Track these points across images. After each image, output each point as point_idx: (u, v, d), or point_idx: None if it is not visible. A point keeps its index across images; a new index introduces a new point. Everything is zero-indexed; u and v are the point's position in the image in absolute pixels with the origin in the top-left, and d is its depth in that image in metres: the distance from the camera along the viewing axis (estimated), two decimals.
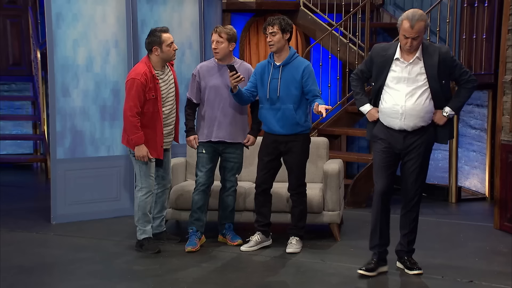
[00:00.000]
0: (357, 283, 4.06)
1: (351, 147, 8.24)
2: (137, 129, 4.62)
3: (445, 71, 4.03)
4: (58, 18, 5.59)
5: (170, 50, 4.73)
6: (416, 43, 3.96)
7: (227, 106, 4.76)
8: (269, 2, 7.84)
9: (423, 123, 4.08)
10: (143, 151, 4.66)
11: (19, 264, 4.47)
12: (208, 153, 4.82)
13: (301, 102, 4.61)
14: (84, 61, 5.74)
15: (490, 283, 4.04)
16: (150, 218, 4.82)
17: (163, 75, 4.79)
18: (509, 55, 5.29)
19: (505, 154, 5.32)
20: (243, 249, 4.72)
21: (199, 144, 4.84)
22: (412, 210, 4.22)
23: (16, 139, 9.07)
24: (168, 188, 5.05)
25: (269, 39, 4.59)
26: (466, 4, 6.56)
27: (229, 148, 4.84)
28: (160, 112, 4.71)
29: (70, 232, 5.36)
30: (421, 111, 4.05)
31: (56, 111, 5.65)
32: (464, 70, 4.08)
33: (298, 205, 4.74)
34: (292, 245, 4.72)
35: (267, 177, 4.72)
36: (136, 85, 4.60)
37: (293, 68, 4.58)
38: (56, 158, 5.67)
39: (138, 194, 4.75)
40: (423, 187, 4.22)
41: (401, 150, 4.16)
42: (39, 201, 6.49)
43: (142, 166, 4.72)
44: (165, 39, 4.70)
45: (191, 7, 6.40)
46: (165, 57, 4.74)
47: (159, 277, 4.19)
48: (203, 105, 4.83)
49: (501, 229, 5.35)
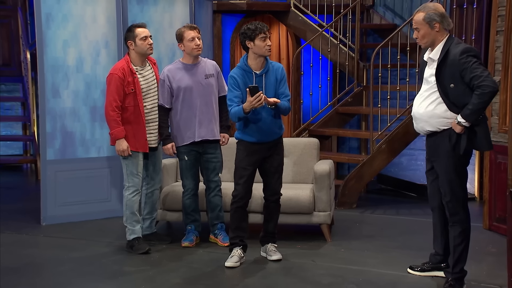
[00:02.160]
0: (348, 284, 4.08)
1: (342, 148, 8.27)
2: (117, 123, 4.67)
3: (455, 73, 3.78)
4: (48, 18, 5.60)
5: (144, 43, 4.75)
6: (420, 35, 3.87)
7: (203, 104, 4.81)
8: (259, 3, 7.85)
9: (429, 128, 3.90)
10: (123, 145, 4.69)
11: (9, 266, 4.47)
12: (190, 159, 4.85)
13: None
14: (74, 62, 5.75)
15: (479, 283, 4.08)
16: (138, 218, 4.83)
17: (143, 71, 4.83)
18: (498, 57, 5.33)
19: (494, 155, 5.35)
20: (228, 265, 4.40)
21: (180, 151, 4.86)
22: (450, 225, 3.98)
23: (5, 140, 9.05)
24: (158, 189, 5.05)
25: (269, 44, 4.39)
26: (455, 6, 6.58)
27: (210, 148, 4.87)
28: (141, 106, 4.75)
29: (60, 233, 5.36)
30: (424, 114, 3.89)
31: (46, 112, 5.65)
32: (476, 74, 3.71)
33: (276, 212, 4.62)
34: (275, 252, 4.59)
35: (250, 188, 4.47)
36: (114, 80, 4.68)
37: (273, 73, 4.44)
38: (46, 159, 5.67)
39: (125, 193, 4.79)
40: (454, 200, 3.89)
41: (429, 156, 4.02)
42: (29, 202, 6.49)
43: (129, 164, 4.75)
44: (138, 33, 4.75)
45: (182, 8, 6.41)
46: (139, 51, 4.77)
47: (149, 278, 4.20)
48: (177, 109, 4.82)
49: (490, 229, 5.38)
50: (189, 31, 4.78)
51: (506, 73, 5.19)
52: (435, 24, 3.84)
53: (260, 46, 4.33)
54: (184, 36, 4.78)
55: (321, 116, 7.19)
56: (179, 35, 4.82)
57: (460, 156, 3.86)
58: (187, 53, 4.84)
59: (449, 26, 3.89)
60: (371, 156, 6.42)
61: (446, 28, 3.89)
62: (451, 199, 3.89)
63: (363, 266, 4.37)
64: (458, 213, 3.91)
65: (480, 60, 3.80)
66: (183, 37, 4.79)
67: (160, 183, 5.07)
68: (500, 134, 5.25)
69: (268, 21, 8.09)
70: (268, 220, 4.63)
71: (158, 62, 6.23)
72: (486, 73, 3.73)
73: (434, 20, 3.83)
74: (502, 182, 5.09)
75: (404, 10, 7.90)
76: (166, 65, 6.32)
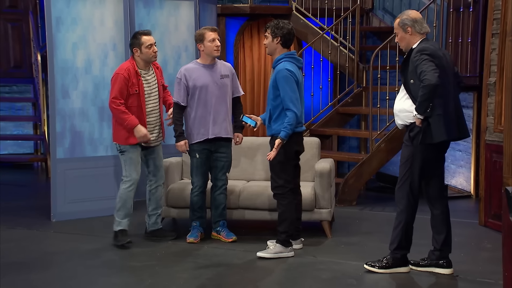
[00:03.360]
0: (347, 279, 4.15)
1: (342, 147, 8.33)
2: (126, 114, 4.75)
3: (413, 70, 4.05)
4: (58, 22, 5.68)
5: (150, 51, 4.85)
6: (397, 39, 4.22)
7: (218, 103, 4.90)
8: (262, 7, 7.97)
9: (400, 121, 4.21)
10: (142, 130, 4.77)
11: (20, 260, 4.55)
12: (201, 157, 4.93)
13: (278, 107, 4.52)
14: (83, 64, 5.84)
15: (475, 278, 4.15)
16: (129, 212, 4.90)
17: (146, 76, 4.92)
18: (493, 58, 5.40)
19: (489, 154, 5.43)
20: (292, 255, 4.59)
21: (193, 149, 4.94)
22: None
23: (17, 139, 9.14)
24: (161, 185, 5.11)
25: (264, 42, 4.71)
26: (452, 9, 6.64)
27: (222, 147, 4.96)
28: (143, 107, 4.85)
29: (70, 229, 5.43)
30: (396, 109, 4.21)
31: (56, 112, 5.74)
32: (422, 70, 3.97)
33: (278, 207, 4.68)
34: (266, 249, 4.64)
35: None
36: (119, 79, 4.77)
37: (275, 72, 4.58)
38: (56, 158, 5.75)
39: (122, 186, 4.88)
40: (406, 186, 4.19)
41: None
42: (40, 200, 6.55)
43: (127, 160, 4.83)
44: (144, 41, 4.82)
45: (187, 12, 6.52)
46: (145, 58, 4.87)
47: (155, 273, 4.27)
48: (192, 107, 4.91)
49: (486, 226, 5.46)
50: (210, 32, 4.88)
51: (501, 75, 5.25)
52: (408, 28, 4.15)
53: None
54: (205, 37, 4.86)
55: (322, 116, 7.27)
56: (200, 36, 4.89)
57: (423, 149, 4.09)
58: (206, 54, 4.91)
59: (421, 30, 4.15)
60: (371, 155, 6.48)
61: (419, 32, 4.15)
62: (400, 187, 4.21)
63: (363, 261, 4.37)
64: (401, 202, 4.22)
65: (432, 58, 4.01)
66: (204, 38, 4.87)
67: (163, 179, 5.12)
68: (496, 134, 5.33)
69: None
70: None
71: (164, 64, 6.38)
72: (430, 69, 3.96)
73: (406, 24, 4.15)
74: (498, 180, 5.16)
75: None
76: (171, 67, 6.52)
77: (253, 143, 5.65)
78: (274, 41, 4.59)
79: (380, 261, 4.28)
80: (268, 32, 4.62)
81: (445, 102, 4.03)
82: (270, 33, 4.60)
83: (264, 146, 5.52)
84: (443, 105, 4.02)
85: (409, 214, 4.23)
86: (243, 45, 8.19)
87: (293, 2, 7.85)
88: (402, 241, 4.23)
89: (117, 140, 4.89)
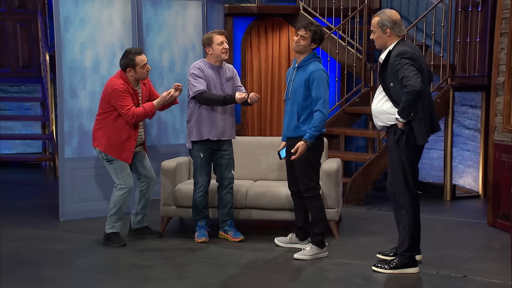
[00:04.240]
0: (355, 279, 4.16)
1: (349, 147, 8.35)
2: (144, 109, 4.79)
3: (393, 73, 4.06)
4: (66, 22, 5.71)
5: (144, 71, 4.85)
6: (374, 37, 4.19)
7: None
8: (269, 7, 7.98)
9: (380, 123, 4.25)
10: (162, 98, 4.85)
11: (29, 259, 4.58)
12: (205, 156, 4.97)
13: (308, 107, 4.49)
14: (91, 64, 5.87)
15: (484, 278, 4.15)
16: (122, 216, 4.98)
17: (138, 90, 4.94)
18: (502, 58, 5.40)
19: (498, 153, 5.42)
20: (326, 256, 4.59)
21: (196, 148, 4.98)
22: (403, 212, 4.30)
23: (25, 138, 9.19)
24: (152, 186, 5.13)
25: (297, 40, 4.51)
26: (460, 8, 6.65)
27: (224, 145, 5.01)
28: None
29: (78, 228, 5.47)
30: (375, 110, 4.24)
31: (64, 111, 5.77)
32: (404, 75, 3.97)
33: (311, 209, 4.64)
34: (302, 251, 4.60)
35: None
36: (120, 92, 4.75)
37: (304, 72, 4.50)
38: (64, 157, 5.78)
39: (117, 193, 4.92)
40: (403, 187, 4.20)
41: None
42: (48, 199, 6.60)
43: (117, 168, 4.88)
44: (138, 62, 4.80)
45: (194, 11, 6.54)
46: (138, 78, 4.89)
47: (162, 272, 4.31)
48: (197, 104, 4.92)
49: (494, 226, 5.45)
50: (217, 35, 4.91)
51: (510, 74, 5.26)
52: (386, 29, 4.14)
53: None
54: (213, 41, 4.90)
55: (329, 116, 7.24)
56: (208, 39, 4.92)
57: (406, 150, 4.13)
58: (214, 57, 4.94)
59: (399, 33, 4.15)
60: (378, 154, 6.49)
61: (397, 34, 4.15)
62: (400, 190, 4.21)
63: (370, 261, 4.40)
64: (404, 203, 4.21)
65: (413, 62, 4.01)
66: (212, 41, 4.90)
67: (154, 179, 5.13)
68: (504, 134, 5.32)
69: (278, 24, 8.23)
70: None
71: (171, 63, 6.45)
72: (413, 74, 3.97)
73: (386, 26, 4.13)
74: (506, 180, 5.16)
75: (410, 13, 7.98)
76: (178, 67, 6.54)
77: (261, 143, 5.66)
78: (311, 44, 4.52)
79: (389, 263, 4.27)
80: (308, 35, 4.47)
81: (423, 103, 4.09)
82: (309, 37, 4.48)
83: (271, 146, 5.53)
84: (423, 107, 4.08)
85: (412, 215, 4.22)
86: (251, 44, 8.21)
87: (301, 2, 7.85)
88: (409, 243, 4.23)
89: (106, 151, 4.86)
